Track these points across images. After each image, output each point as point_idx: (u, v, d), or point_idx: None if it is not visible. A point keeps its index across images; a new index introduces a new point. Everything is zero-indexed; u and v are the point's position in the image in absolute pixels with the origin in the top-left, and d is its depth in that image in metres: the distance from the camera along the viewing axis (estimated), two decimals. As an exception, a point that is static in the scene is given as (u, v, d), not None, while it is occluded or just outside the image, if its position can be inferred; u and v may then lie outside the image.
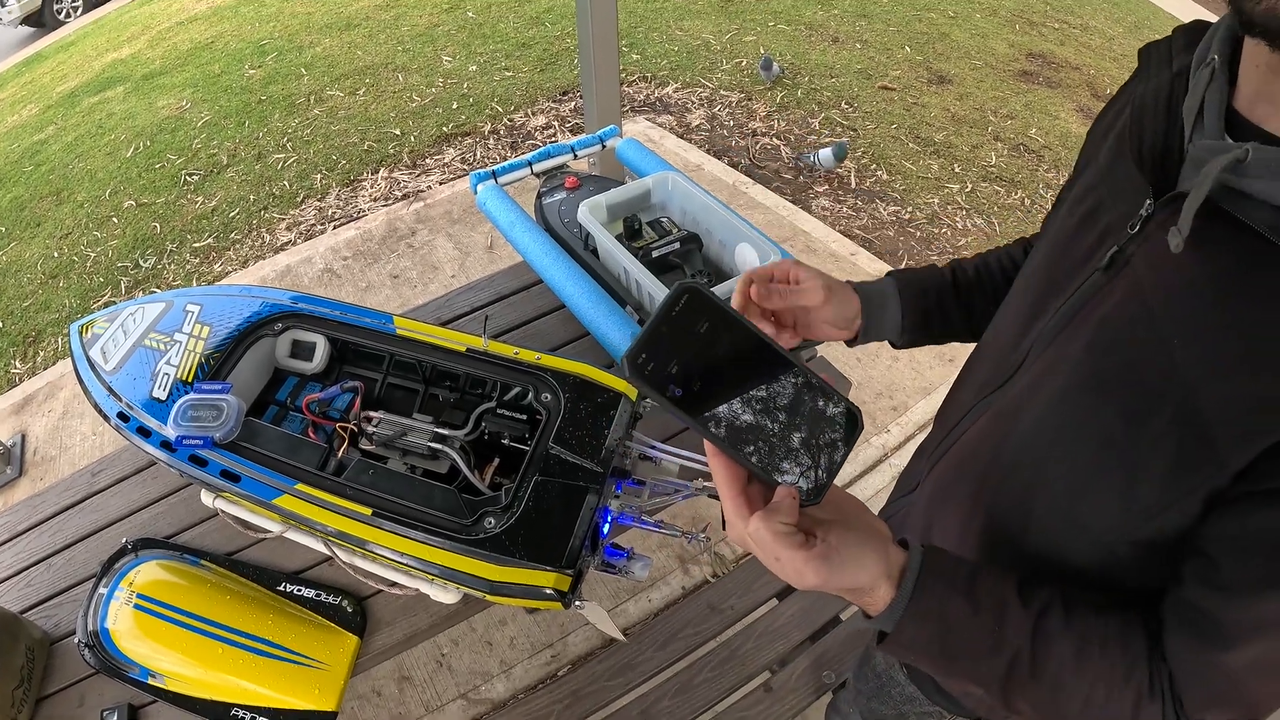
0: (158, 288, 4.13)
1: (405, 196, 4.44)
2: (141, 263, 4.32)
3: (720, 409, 0.67)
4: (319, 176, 4.69)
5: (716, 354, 0.67)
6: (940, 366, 3.24)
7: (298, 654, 1.56)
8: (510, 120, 4.97)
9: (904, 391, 3.15)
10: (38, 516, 2.01)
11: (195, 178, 4.84)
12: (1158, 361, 0.67)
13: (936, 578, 0.74)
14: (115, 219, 4.66)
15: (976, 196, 4.28)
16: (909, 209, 4.15)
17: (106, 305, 4.07)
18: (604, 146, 2.33)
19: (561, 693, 1.97)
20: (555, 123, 4.91)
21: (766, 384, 0.69)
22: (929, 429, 1.18)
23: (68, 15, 9.33)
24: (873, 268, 3.65)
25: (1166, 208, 0.69)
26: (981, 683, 0.77)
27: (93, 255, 4.44)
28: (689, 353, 0.66)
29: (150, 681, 1.58)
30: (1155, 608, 0.74)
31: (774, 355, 0.69)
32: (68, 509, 2.00)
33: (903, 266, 3.69)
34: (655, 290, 1.73)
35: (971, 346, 1.10)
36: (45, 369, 3.86)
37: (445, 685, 2.43)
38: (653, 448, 1.51)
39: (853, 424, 0.71)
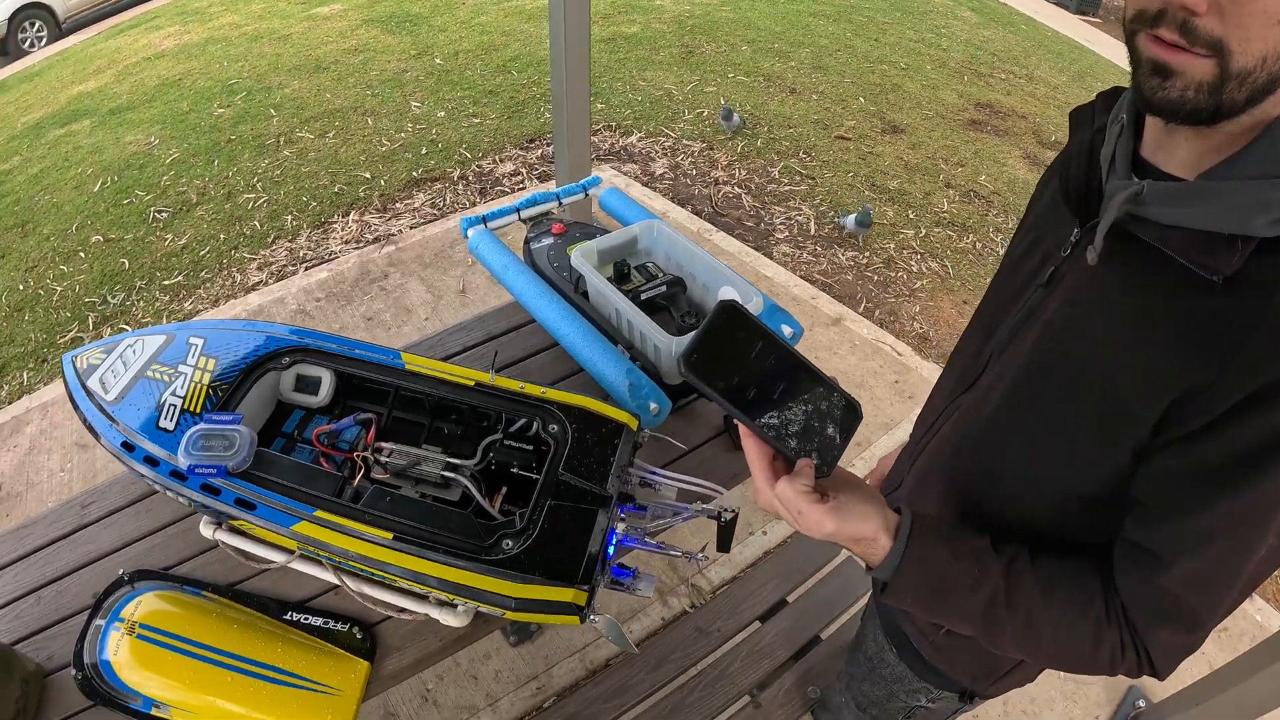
0: (127, 324, 4.12)
1: (376, 239, 4.48)
2: (110, 298, 4.30)
3: (753, 399, 0.83)
4: (289, 217, 4.72)
5: (750, 357, 0.83)
6: (900, 403, 3.37)
7: (309, 680, 1.58)
8: (479, 166, 5.05)
9: (866, 428, 3.27)
10: (24, 549, 1.98)
11: (164, 215, 4.84)
12: (1084, 349, 0.87)
13: (925, 531, 0.91)
14: (82, 253, 4.64)
15: (930, 241, 4.45)
16: (866, 254, 4.31)
17: (74, 340, 4.05)
18: (587, 195, 2.44)
19: (558, 716, 2.03)
20: (523, 170, 5.01)
21: (788, 381, 0.85)
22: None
23: (32, 45, 9.25)
24: (832, 310, 3.80)
25: (1089, 234, 0.87)
26: (968, 619, 0.93)
27: (59, 289, 4.40)
28: (729, 355, 0.82)
29: (154, 712, 1.57)
30: (1107, 557, 0.90)
31: (795, 359, 0.85)
32: (56, 541, 1.98)
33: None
34: (648, 330, 1.83)
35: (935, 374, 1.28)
36: (10, 404, 3.82)
37: (431, 720, 2.47)
38: (653, 473, 1.61)
39: (853, 413, 0.88)
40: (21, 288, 4.48)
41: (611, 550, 1.48)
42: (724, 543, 1.58)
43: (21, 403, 3.79)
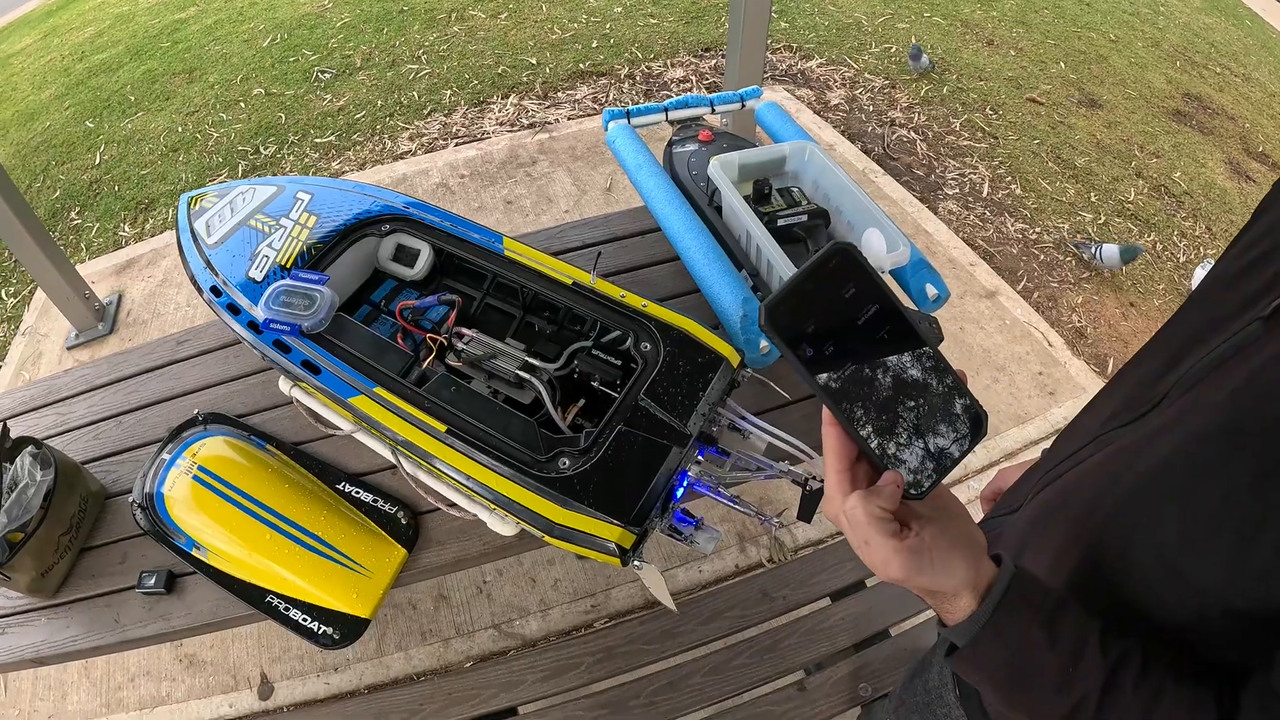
0: (274, 175, 4.17)
1: (531, 125, 4.39)
2: (262, 149, 4.38)
3: (846, 379, 0.66)
4: (449, 92, 4.67)
5: (855, 323, 0.66)
6: (1039, 397, 3.09)
7: (344, 555, 1.55)
8: (648, 68, 4.87)
9: (998, 416, 2.99)
10: (117, 374, 2.04)
11: (327, 76, 4.88)
12: None
13: (1021, 601, 0.72)
14: (243, 104, 4.73)
15: (1108, 231, 4.06)
16: (1037, 229, 3.96)
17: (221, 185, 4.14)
18: (743, 106, 2.23)
19: (596, 645, 1.94)
20: (693, 77, 4.80)
21: (898, 366, 0.67)
22: (1018, 457, 1.13)
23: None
24: (989, 281, 3.51)
25: None
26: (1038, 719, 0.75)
27: (215, 135, 4.51)
28: (828, 315, 0.65)
29: (194, 553, 1.59)
30: (1231, 686, 0.69)
31: (914, 339, 0.67)
32: (147, 372, 2.04)
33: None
34: (777, 258, 1.64)
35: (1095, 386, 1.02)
36: (153, 236, 3.97)
37: (481, 612, 2.43)
38: (744, 419, 1.44)
39: (976, 426, 0.69)
40: (180, 130, 4.61)
41: (679, 493, 1.32)
42: (806, 512, 1.41)
43: (163, 237, 3.92)
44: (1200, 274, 3.63)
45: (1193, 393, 0.75)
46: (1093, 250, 3.74)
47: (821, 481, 1.36)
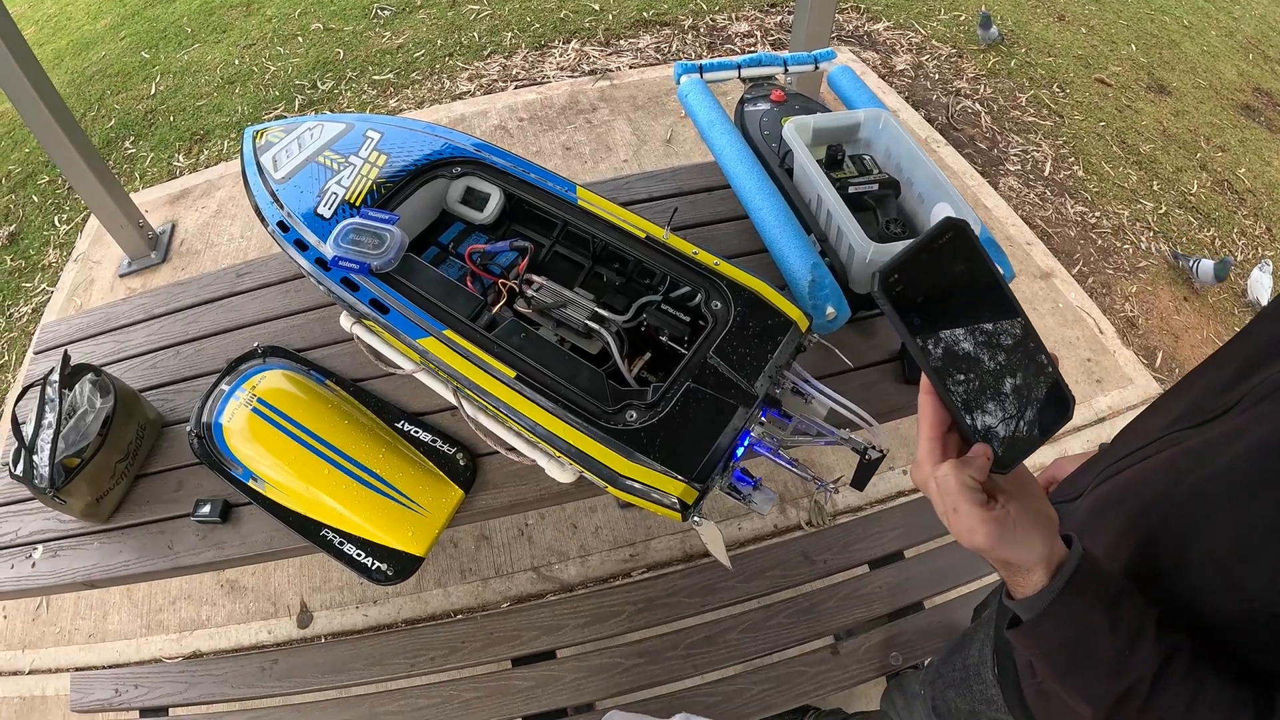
0: (330, 111, 4.17)
1: (593, 72, 4.34)
2: (319, 84, 4.37)
3: (946, 351, 0.69)
4: (510, 35, 4.63)
5: (961, 298, 0.68)
6: (1086, 385, 3.06)
7: (401, 494, 1.57)
8: (713, 20, 4.80)
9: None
10: (176, 304, 2.06)
11: (386, 13, 4.85)
12: None
13: (1088, 583, 0.74)
14: (300, 38, 4.72)
15: (1168, 222, 3.98)
16: (1097, 213, 3.89)
17: (278, 118, 4.12)
18: (817, 67, 2.19)
19: (638, 595, 1.97)
20: (758, 32, 4.72)
21: (998, 344, 0.70)
22: (1058, 444, 1.13)
23: None
24: (1044, 262, 3.46)
25: None
26: (1092, 701, 0.77)
27: (273, 69, 4.51)
28: (936, 288, 0.67)
29: (250, 484, 1.61)
30: (1268, 689, 0.71)
31: (1015, 318, 0.70)
32: (206, 303, 2.05)
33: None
34: (847, 227, 1.62)
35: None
36: (207, 168, 3.98)
37: (521, 554, 2.46)
38: (808, 383, 1.44)
39: (1063, 408, 0.72)
40: (237, 63, 4.61)
41: (740, 452, 1.33)
42: (861, 480, 1.42)
43: (218, 168, 3.94)
44: (1257, 275, 3.53)
45: (1262, 405, 0.76)
46: (1191, 264, 3.63)
47: (880, 451, 1.36)
